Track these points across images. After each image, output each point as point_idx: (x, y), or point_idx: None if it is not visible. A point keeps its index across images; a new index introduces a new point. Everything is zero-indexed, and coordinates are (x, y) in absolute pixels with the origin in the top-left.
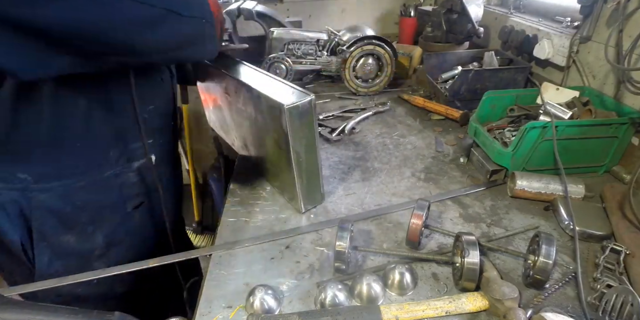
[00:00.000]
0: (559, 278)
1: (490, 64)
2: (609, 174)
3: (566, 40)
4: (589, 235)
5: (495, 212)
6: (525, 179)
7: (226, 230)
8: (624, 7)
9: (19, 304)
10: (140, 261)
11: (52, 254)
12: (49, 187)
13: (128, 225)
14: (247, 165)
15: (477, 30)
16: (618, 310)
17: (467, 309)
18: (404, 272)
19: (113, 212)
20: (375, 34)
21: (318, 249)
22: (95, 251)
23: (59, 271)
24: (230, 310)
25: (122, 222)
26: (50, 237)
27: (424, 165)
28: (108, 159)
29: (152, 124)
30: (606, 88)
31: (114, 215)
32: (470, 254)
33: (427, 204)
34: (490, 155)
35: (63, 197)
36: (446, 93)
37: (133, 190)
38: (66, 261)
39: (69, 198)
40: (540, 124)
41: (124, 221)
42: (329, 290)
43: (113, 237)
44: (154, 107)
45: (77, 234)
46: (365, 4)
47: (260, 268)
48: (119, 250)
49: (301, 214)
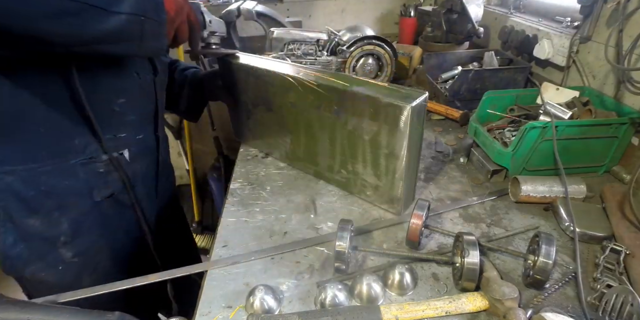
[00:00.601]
0: (559, 278)
1: (490, 64)
2: (609, 174)
3: (566, 40)
4: (589, 236)
5: (495, 212)
6: (529, 184)
7: (226, 230)
8: (624, 7)
9: (18, 304)
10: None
11: (17, 236)
12: (13, 170)
13: (95, 214)
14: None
15: (477, 30)
16: (618, 310)
17: (467, 309)
18: (404, 272)
19: (79, 200)
20: (375, 34)
21: (318, 249)
22: (61, 237)
23: (23, 253)
24: (230, 310)
25: (90, 211)
26: (16, 219)
27: (424, 165)
28: (74, 147)
29: (125, 117)
30: (606, 88)
31: (81, 203)
32: (470, 254)
33: (427, 204)
34: (490, 155)
35: (27, 181)
36: (446, 93)
37: (101, 180)
38: (30, 244)
39: (33, 182)
40: (540, 124)
41: (91, 210)
42: (329, 290)
43: (79, 225)
44: (125, 100)
45: (42, 218)
46: (365, 4)
47: (260, 268)
48: (86, 239)
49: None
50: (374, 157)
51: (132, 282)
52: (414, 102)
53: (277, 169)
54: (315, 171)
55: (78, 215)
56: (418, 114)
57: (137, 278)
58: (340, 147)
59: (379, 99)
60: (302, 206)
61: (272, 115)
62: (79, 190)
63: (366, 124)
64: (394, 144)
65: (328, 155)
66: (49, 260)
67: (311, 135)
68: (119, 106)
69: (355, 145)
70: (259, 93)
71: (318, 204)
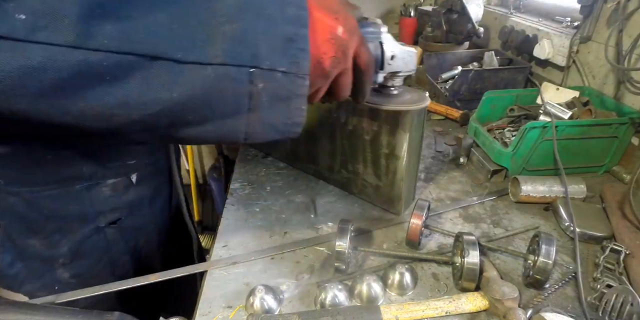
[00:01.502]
0: (559, 278)
1: (490, 64)
2: (609, 174)
3: (566, 40)
4: (589, 236)
5: (495, 212)
6: (529, 184)
7: (226, 230)
8: (624, 7)
9: (18, 304)
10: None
11: (15, 255)
12: (17, 192)
13: (97, 239)
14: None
15: (477, 30)
16: (618, 310)
17: (467, 309)
18: (404, 272)
19: (82, 225)
20: None
21: (318, 249)
22: (60, 259)
23: (20, 273)
24: (230, 310)
25: (92, 236)
26: (16, 239)
27: (423, 165)
28: (81, 174)
29: (135, 145)
30: (606, 88)
31: (83, 227)
32: (470, 254)
33: (427, 204)
34: (490, 155)
35: (30, 203)
36: (446, 93)
37: (106, 205)
38: (29, 264)
39: (36, 205)
40: (540, 124)
41: (93, 235)
42: (329, 290)
43: (79, 249)
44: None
45: (43, 239)
46: (365, 3)
47: (260, 268)
48: (85, 262)
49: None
50: (374, 157)
51: (132, 282)
52: (419, 105)
53: (277, 169)
54: (315, 171)
55: (79, 238)
56: (418, 114)
57: (137, 278)
58: (341, 147)
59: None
60: (302, 206)
61: None
62: (83, 215)
63: (366, 124)
64: (395, 144)
65: (328, 155)
66: (46, 280)
67: (311, 135)
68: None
69: (356, 145)
70: None
71: (318, 204)
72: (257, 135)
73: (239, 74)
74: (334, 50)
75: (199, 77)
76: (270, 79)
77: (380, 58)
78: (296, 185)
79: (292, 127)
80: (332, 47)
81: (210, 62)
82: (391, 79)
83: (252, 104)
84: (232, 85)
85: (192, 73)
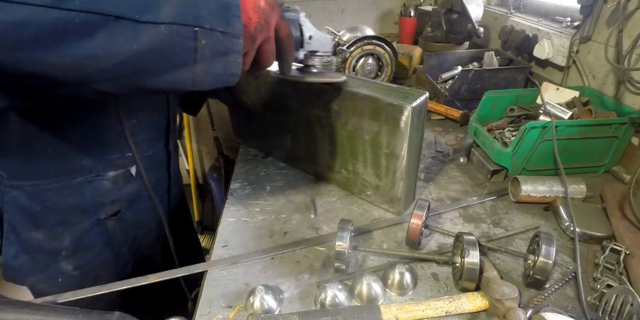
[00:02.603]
0: (559, 278)
1: (490, 64)
2: (609, 174)
3: (566, 40)
4: (589, 236)
5: (495, 212)
6: (529, 184)
7: (226, 230)
8: (624, 7)
9: (18, 304)
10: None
11: (19, 247)
12: (20, 185)
13: (98, 231)
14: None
15: (477, 30)
16: (618, 310)
17: (467, 309)
18: (404, 272)
19: (83, 217)
20: (375, 34)
21: (318, 249)
22: (62, 251)
23: (24, 265)
24: (230, 310)
25: (93, 228)
26: (20, 232)
27: (423, 165)
28: (81, 167)
29: (135, 137)
30: (606, 88)
31: (85, 220)
32: (470, 254)
33: (427, 204)
34: (490, 155)
35: (33, 196)
36: (446, 93)
37: (107, 197)
38: (33, 256)
39: (38, 198)
40: (540, 124)
41: (95, 227)
42: (329, 290)
43: (81, 241)
44: (137, 121)
45: (46, 232)
46: (365, 4)
47: (260, 268)
48: (87, 254)
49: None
50: (374, 157)
51: (133, 282)
52: (415, 102)
53: (277, 169)
54: (315, 171)
55: (81, 231)
56: (418, 114)
57: (137, 278)
58: (341, 147)
59: (379, 99)
60: (302, 206)
61: (272, 115)
62: (84, 208)
63: (366, 124)
64: (395, 144)
65: (328, 155)
66: (50, 272)
67: (311, 135)
68: (129, 128)
69: (356, 145)
70: (259, 93)
71: (318, 204)
72: (203, 83)
73: (185, 32)
74: (257, 17)
75: (154, 34)
76: (212, 37)
77: (299, 36)
78: (296, 185)
79: (231, 77)
80: (256, 15)
81: (163, 21)
82: (311, 58)
83: (198, 57)
84: (180, 40)
85: (148, 30)
